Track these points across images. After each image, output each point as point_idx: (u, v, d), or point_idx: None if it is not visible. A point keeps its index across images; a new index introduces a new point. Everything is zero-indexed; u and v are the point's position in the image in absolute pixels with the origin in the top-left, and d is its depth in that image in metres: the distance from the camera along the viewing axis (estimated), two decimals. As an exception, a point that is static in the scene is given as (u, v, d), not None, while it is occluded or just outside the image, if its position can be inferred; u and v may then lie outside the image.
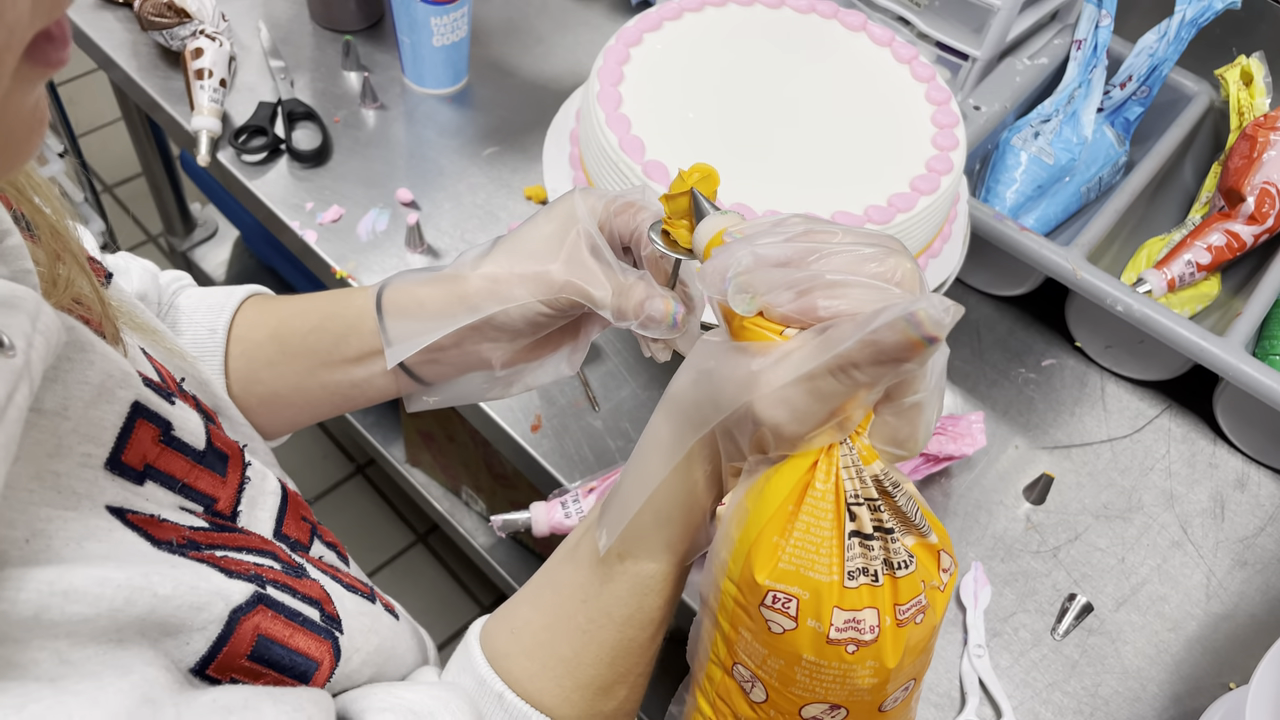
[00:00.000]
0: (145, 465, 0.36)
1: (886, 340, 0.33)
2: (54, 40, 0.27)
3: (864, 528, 0.37)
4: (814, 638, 0.37)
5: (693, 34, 0.77)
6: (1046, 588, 0.77)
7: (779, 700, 0.40)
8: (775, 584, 0.37)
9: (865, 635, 0.37)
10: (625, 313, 0.48)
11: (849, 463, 0.37)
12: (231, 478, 0.42)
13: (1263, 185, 0.88)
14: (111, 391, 0.34)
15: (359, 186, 0.94)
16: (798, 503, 0.37)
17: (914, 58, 0.78)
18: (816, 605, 0.37)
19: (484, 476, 1.28)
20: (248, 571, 0.37)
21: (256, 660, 0.36)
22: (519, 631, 0.46)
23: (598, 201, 0.50)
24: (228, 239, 1.64)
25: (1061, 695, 0.72)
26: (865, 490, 0.37)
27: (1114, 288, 0.82)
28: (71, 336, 0.33)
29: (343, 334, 0.55)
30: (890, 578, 0.37)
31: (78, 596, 0.29)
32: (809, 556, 0.37)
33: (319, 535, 0.49)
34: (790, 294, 0.36)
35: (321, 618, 0.40)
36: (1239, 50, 0.98)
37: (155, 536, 0.34)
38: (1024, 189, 0.94)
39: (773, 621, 0.38)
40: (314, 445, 1.77)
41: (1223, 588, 0.78)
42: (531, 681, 0.45)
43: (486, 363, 0.53)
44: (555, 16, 1.12)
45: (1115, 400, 0.89)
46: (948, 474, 0.82)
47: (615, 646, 0.45)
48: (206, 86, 0.94)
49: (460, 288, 0.50)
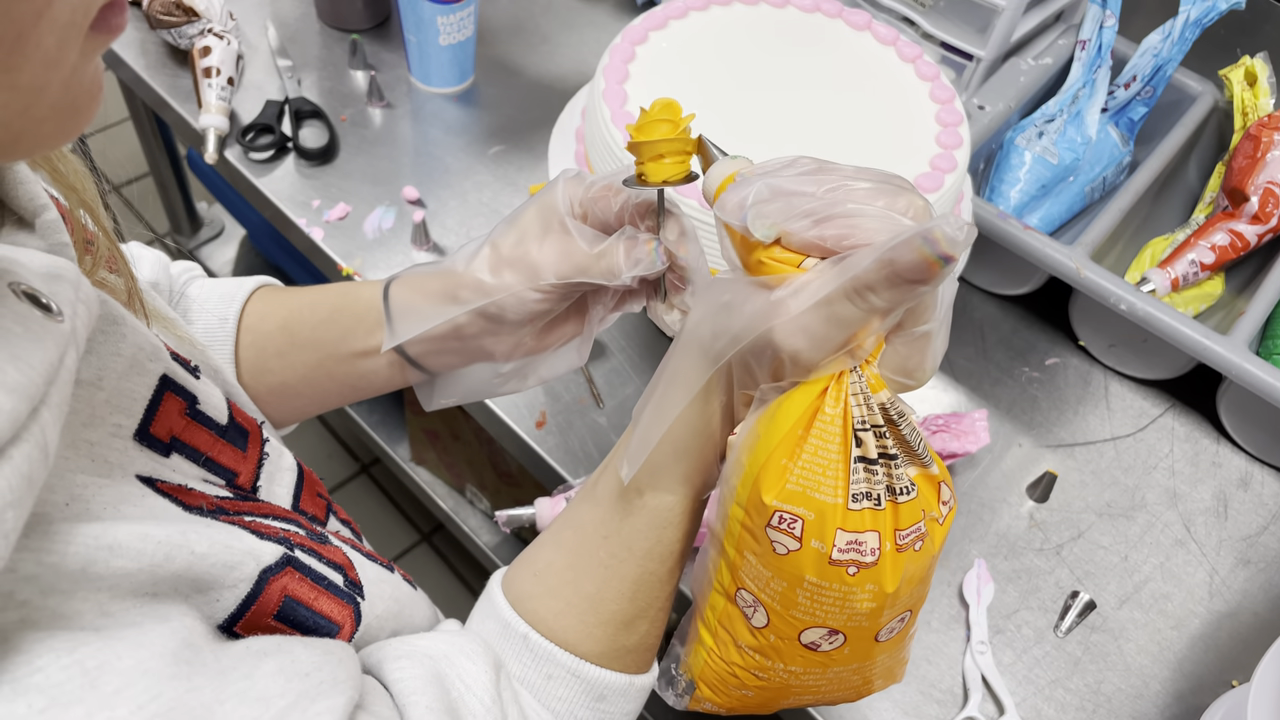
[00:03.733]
0: (172, 437, 0.37)
1: (903, 260, 0.34)
2: (114, 6, 0.28)
3: (869, 453, 0.38)
4: (817, 558, 0.38)
5: (698, 32, 0.78)
6: (1049, 585, 0.77)
7: (779, 625, 0.42)
8: (782, 504, 0.38)
9: (866, 558, 0.38)
10: (611, 271, 0.48)
11: (858, 390, 0.38)
12: (252, 453, 0.43)
13: (1266, 185, 0.89)
14: (142, 364, 0.35)
15: (365, 184, 0.94)
16: (807, 427, 0.38)
17: (918, 57, 0.79)
18: (820, 526, 0.38)
19: (489, 474, 1.28)
20: (277, 535, 0.38)
21: (282, 620, 0.37)
22: (542, 573, 0.47)
23: (578, 187, 0.50)
24: (234, 238, 1.65)
25: (1064, 692, 0.72)
26: (872, 417, 0.38)
27: (1117, 286, 0.82)
28: (104, 310, 0.34)
29: (351, 327, 0.56)
30: (892, 503, 0.38)
31: (122, 550, 0.30)
32: (815, 479, 0.38)
33: (334, 512, 0.51)
34: (808, 221, 0.37)
35: (345, 583, 0.41)
36: (1243, 51, 0.98)
37: (186, 502, 0.35)
38: (1028, 188, 0.94)
39: (778, 542, 0.39)
40: (320, 444, 1.77)
41: (1226, 586, 0.78)
42: (556, 620, 0.46)
43: (490, 354, 0.54)
44: (561, 16, 1.13)
45: (1119, 399, 0.89)
46: (952, 471, 0.82)
47: (637, 580, 0.46)
48: (214, 85, 0.94)
49: (455, 280, 0.51)
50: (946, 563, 0.77)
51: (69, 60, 0.27)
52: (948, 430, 0.79)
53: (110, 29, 0.28)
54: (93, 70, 0.28)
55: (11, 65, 0.25)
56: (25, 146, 0.29)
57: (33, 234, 0.35)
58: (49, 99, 0.27)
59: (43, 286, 0.29)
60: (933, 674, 0.72)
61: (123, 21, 0.28)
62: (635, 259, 0.48)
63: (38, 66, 0.26)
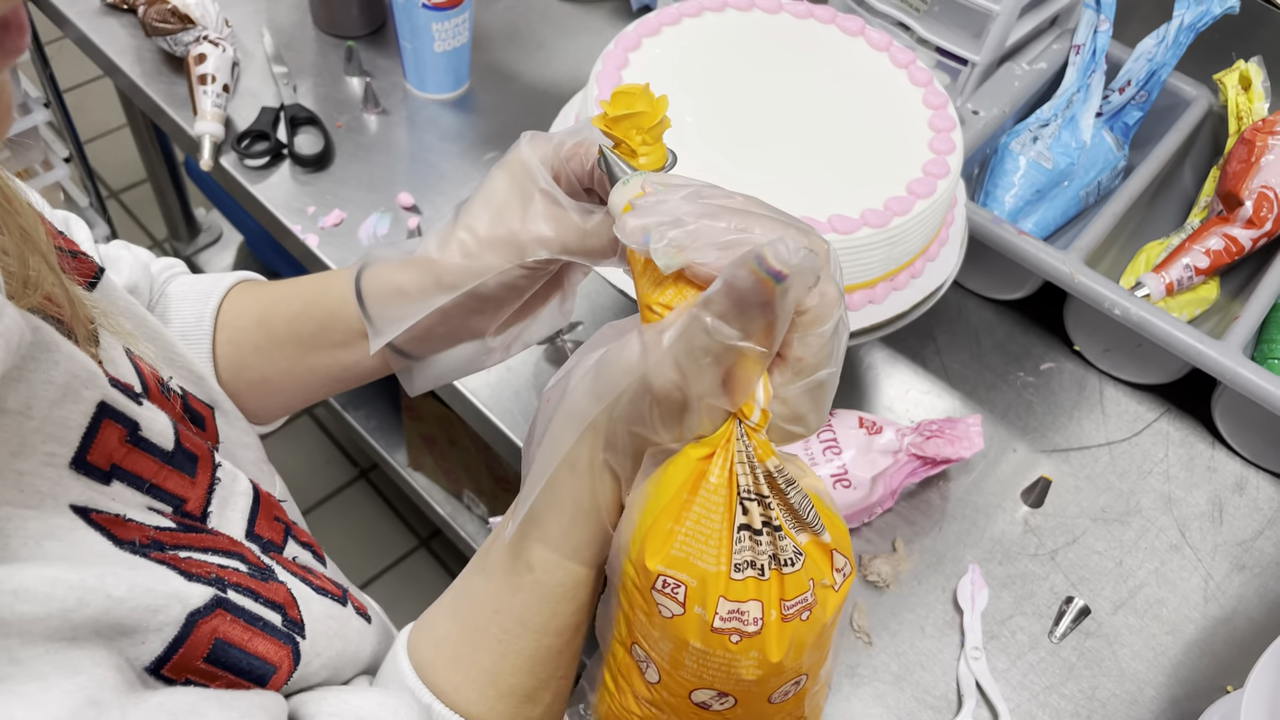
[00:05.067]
0: (112, 465, 0.36)
1: (740, 281, 0.33)
2: (11, 29, 0.27)
3: (753, 522, 0.37)
4: (699, 625, 0.38)
5: (691, 39, 0.78)
6: (1044, 590, 0.77)
7: (670, 683, 0.41)
8: (666, 569, 0.38)
9: (749, 627, 0.38)
10: (600, 251, 0.47)
11: (744, 457, 0.37)
12: (201, 478, 0.42)
13: (1261, 189, 0.89)
14: (77, 391, 0.34)
15: (361, 191, 0.94)
16: (692, 491, 0.38)
17: (911, 62, 0.79)
18: (703, 593, 0.38)
19: (485, 480, 1.28)
20: (209, 574, 0.37)
21: (213, 663, 0.36)
22: (441, 644, 0.46)
23: (546, 148, 0.48)
24: (232, 244, 1.65)
25: (1059, 698, 0.72)
26: (758, 486, 0.38)
27: (1112, 291, 0.82)
28: (37, 337, 0.33)
29: (327, 320, 0.55)
30: (777, 573, 0.38)
31: (28, 596, 0.29)
32: (699, 545, 0.38)
33: (293, 535, 0.49)
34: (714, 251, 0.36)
35: (284, 622, 0.40)
36: (1237, 55, 0.98)
37: (118, 536, 0.34)
38: (1022, 193, 0.94)
39: (663, 605, 0.39)
40: (317, 450, 1.77)
41: (1221, 591, 0.78)
42: (457, 692, 0.45)
43: (478, 332, 0.53)
44: (556, 22, 1.13)
45: (1113, 404, 0.89)
46: (946, 477, 0.82)
47: (533, 655, 0.45)
48: (210, 91, 0.94)
49: (435, 268, 0.49)
50: (940, 568, 0.77)
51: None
52: (942, 435, 0.79)
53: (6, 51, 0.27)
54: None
55: None
56: None
57: None
58: None
59: None
60: (927, 680, 0.72)
61: (22, 45, 0.27)
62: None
63: None
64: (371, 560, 1.67)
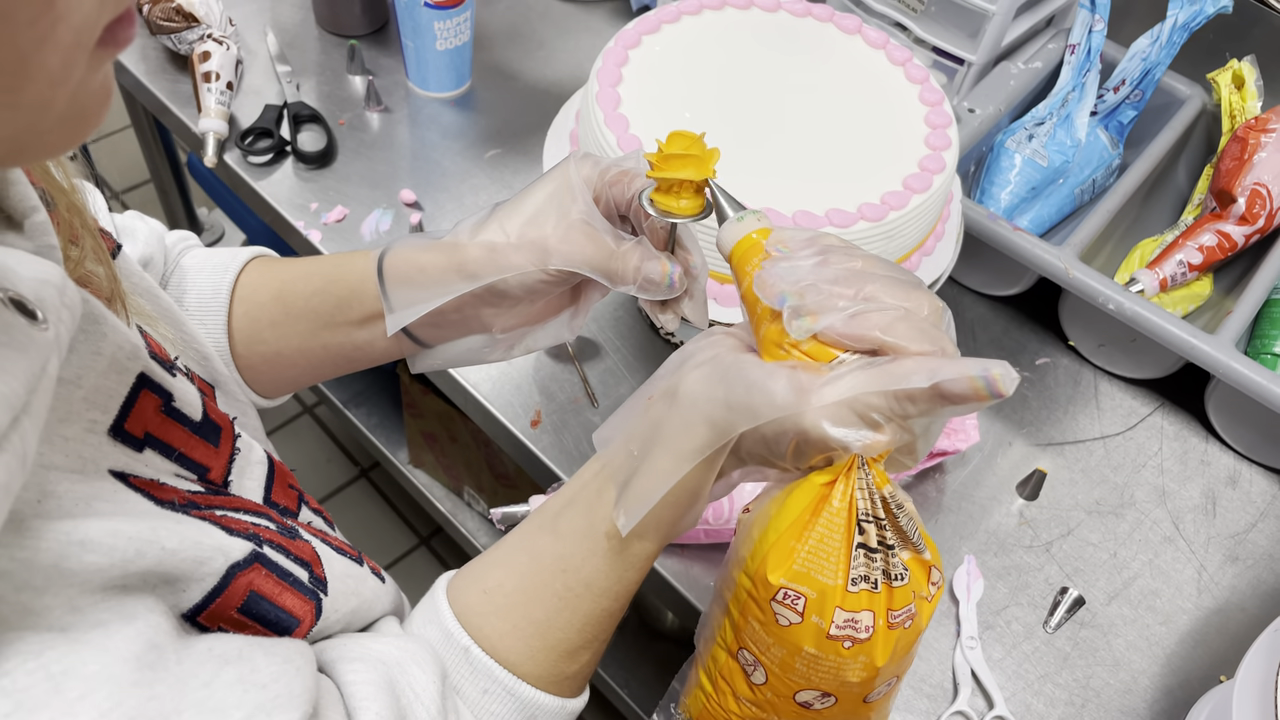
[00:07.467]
0: (146, 433, 0.37)
1: (955, 390, 0.38)
2: (123, 19, 0.27)
3: (869, 542, 0.42)
4: (816, 632, 0.42)
5: (690, 37, 0.79)
6: (1039, 581, 0.78)
7: (777, 684, 0.45)
8: (788, 582, 0.42)
9: (860, 634, 0.42)
10: (622, 277, 0.49)
11: (864, 484, 0.41)
12: (224, 448, 0.43)
13: (1253, 186, 0.89)
14: (121, 363, 0.36)
15: (363, 187, 0.95)
16: (815, 513, 0.42)
17: (908, 60, 0.80)
18: (821, 604, 0.42)
19: (485, 476, 1.29)
20: (246, 530, 0.39)
21: (244, 613, 0.37)
22: (491, 592, 0.48)
23: (592, 170, 0.50)
24: (234, 243, 1.66)
25: (1053, 687, 0.73)
26: (874, 509, 0.42)
27: (1106, 286, 0.83)
28: (87, 309, 0.34)
29: (345, 297, 0.56)
30: (887, 586, 0.42)
31: (94, 546, 0.30)
32: (819, 561, 0.42)
33: (305, 502, 0.51)
34: (842, 319, 0.40)
35: (310, 579, 0.42)
36: (1231, 54, 0.99)
37: (158, 497, 0.36)
38: (1018, 191, 0.95)
39: (781, 615, 0.43)
40: (318, 448, 1.78)
41: (1214, 582, 0.79)
42: (501, 640, 0.47)
43: (487, 326, 0.54)
44: (557, 21, 1.14)
45: (1108, 398, 0.90)
46: (942, 469, 0.83)
47: (589, 615, 0.48)
48: (213, 89, 0.95)
49: (459, 255, 0.51)
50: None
51: (75, 76, 0.26)
52: (938, 428, 0.80)
53: (118, 42, 0.28)
54: (101, 78, 0.28)
55: (14, 86, 0.25)
56: (30, 155, 0.29)
57: (21, 235, 0.35)
58: (54, 113, 0.27)
59: (29, 293, 0.29)
60: (923, 669, 0.73)
61: (131, 34, 0.28)
62: (648, 279, 0.49)
63: (42, 86, 0.25)
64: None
